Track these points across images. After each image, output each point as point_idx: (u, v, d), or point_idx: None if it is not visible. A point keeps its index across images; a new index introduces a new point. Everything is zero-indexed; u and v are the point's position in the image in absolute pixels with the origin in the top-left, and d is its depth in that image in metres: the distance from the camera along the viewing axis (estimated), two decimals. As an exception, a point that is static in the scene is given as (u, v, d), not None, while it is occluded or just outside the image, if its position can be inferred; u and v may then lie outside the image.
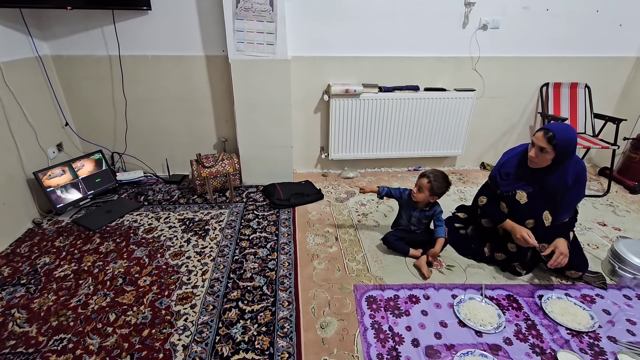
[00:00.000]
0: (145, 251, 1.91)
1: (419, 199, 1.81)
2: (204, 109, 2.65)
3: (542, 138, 1.54)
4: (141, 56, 2.44)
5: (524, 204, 1.67)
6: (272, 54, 2.31)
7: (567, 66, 2.75)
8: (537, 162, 1.60)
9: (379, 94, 2.60)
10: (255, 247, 1.96)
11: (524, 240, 1.62)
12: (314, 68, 2.58)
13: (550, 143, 1.52)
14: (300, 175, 2.86)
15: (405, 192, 1.90)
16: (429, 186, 1.76)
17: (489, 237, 1.87)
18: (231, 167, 2.50)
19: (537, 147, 1.56)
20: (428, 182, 1.76)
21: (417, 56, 2.62)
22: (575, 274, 1.70)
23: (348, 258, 1.89)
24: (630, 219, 2.30)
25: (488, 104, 2.82)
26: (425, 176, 1.78)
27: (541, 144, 1.54)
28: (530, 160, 1.62)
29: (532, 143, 1.60)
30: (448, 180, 1.81)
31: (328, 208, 2.39)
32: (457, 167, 3.08)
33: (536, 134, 1.58)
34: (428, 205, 1.85)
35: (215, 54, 2.46)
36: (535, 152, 1.57)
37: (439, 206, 1.86)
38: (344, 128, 2.69)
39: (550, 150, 1.53)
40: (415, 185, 1.82)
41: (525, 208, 1.68)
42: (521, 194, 1.68)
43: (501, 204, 1.76)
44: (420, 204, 1.85)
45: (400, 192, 1.91)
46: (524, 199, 1.67)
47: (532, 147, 1.60)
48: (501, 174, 1.74)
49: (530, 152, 1.60)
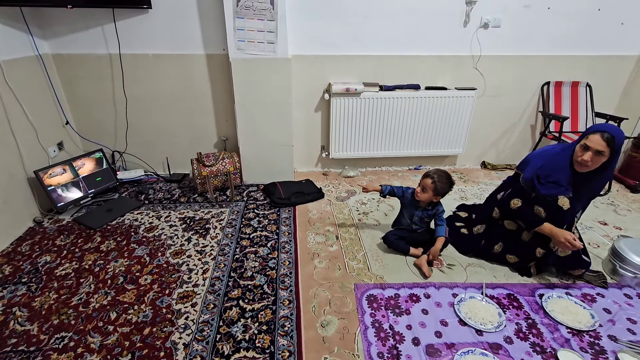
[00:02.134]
0: (146, 250, 1.92)
1: (423, 198, 1.80)
2: (204, 108, 2.64)
3: (600, 141, 1.46)
4: (141, 55, 2.44)
5: (566, 210, 1.59)
6: (272, 52, 2.31)
7: (568, 65, 2.75)
8: (589, 167, 1.53)
9: (379, 92, 2.60)
10: (256, 246, 1.96)
11: (568, 243, 1.55)
12: (314, 67, 2.57)
13: (610, 146, 1.46)
14: (301, 174, 2.86)
15: (408, 191, 1.90)
16: (432, 186, 1.76)
17: (505, 238, 1.82)
18: (232, 166, 2.50)
19: (593, 150, 1.48)
20: (432, 182, 1.76)
21: (418, 55, 2.61)
22: (579, 272, 1.70)
23: (349, 257, 1.89)
24: (631, 218, 2.30)
25: (489, 103, 2.82)
26: (429, 176, 1.78)
27: (599, 148, 1.46)
28: (582, 164, 1.53)
29: (583, 146, 1.51)
30: (452, 180, 1.81)
31: (329, 207, 2.39)
32: (458, 166, 3.08)
33: (590, 137, 1.49)
34: (431, 204, 1.85)
35: (215, 52, 2.45)
36: (590, 156, 1.49)
37: (442, 205, 1.87)
38: (344, 127, 2.69)
39: (608, 153, 1.47)
40: (419, 185, 1.82)
41: (566, 214, 1.61)
42: (563, 199, 1.59)
43: (536, 207, 1.67)
44: (423, 204, 1.85)
45: (402, 190, 1.91)
46: (567, 205, 1.59)
47: (583, 150, 1.51)
48: (539, 177, 1.65)
49: (583, 157, 1.51)
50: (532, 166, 1.70)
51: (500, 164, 3.04)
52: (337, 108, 2.61)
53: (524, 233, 1.76)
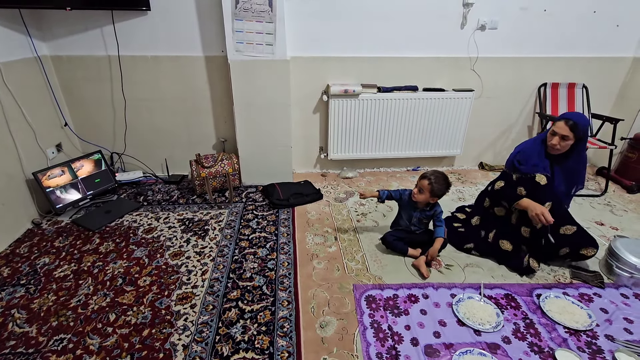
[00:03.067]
0: (144, 251, 1.92)
1: (420, 200, 1.81)
2: (203, 109, 2.65)
3: (564, 127, 1.69)
4: (140, 56, 2.44)
5: (544, 186, 1.73)
6: (271, 54, 2.32)
7: (564, 66, 2.77)
8: (559, 149, 1.74)
9: (377, 94, 2.61)
10: (255, 247, 1.96)
11: (540, 217, 1.66)
12: (313, 68, 2.58)
13: (573, 131, 1.68)
14: (300, 175, 2.87)
15: (406, 192, 1.91)
16: (429, 187, 1.77)
17: (497, 226, 1.91)
18: (230, 167, 2.50)
19: (559, 135, 1.70)
20: (429, 183, 1.77)
21: (415, 56, 2.63)
22: (592, 251, 1.73)
23: (347, 258, 1.89)
24: (628, 218, 2.31)
25: (486, 104, 2.83)
26: (425, 177, 1.79)
27: (564, 133, 1.69)
28: (552, 148, 1.75)
29: (552, 132, 1.74)
30: (448, 181, 1.81)
31: (327, 208, 2.40)
32: (456, 167, 3.09)
33: (557, 124, 1.72)
34: (428, 205, 1.86)
35: (214, 54, 2.46)
36: (557, 140, 1.72)
37: (440, 206, 1.87)
38: (343, 128, 2.70)
39: (572, 137, 1.70)
40: (416, 186, 1.83)
41: (545, 190, 1.73)
42: (540, 176, 1.74)
43: (518, 188, 1.80)
44: (420, 205, 1.86)
45: (400, 193, 1.92)
46: (544, 180, 1.73)
47: (552, 136, 1.74)
48: (519, 161, 1.83)
49: (552, 141, 1.73)
50: (513, 153, 1.90)
51: (498, 165, 3.06)
52: (336, 109, 2.62)
53: (513, 216, 1.86)
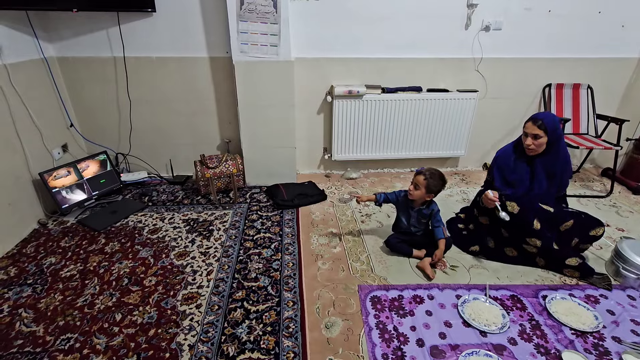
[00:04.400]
0: (150, 251, 1.92)
1: (416, 196, 1.80)
2: (207, 110, 2.66)
3: (532, 126, 1.74)
4: (145, 58, 2.46)
5: (519, 213, 1.75)
6: (275, 55, 2.32)
7: (569, 67, 2.76)
8: (535, 149, 1.76)
9: (381, 95, 2.61)
10: (260, 248, 1.96)
11: (487, 199, 1.76)
12: (317, 69, 2.59)
13: (541, 128, 1.72)
14: (304, 176, 2.87)
15: (401, 193, 1.91)
16: (425, 183, 1.76)
17: (490, 233, 1.92)
18: (235, 168, 2.51)
19: (530, 135, 1.75)
20: (424, 179, 1.76)
21: (419, 57, 2.63)
22: (600, 229, 1.78)
23: (352, 258, 1.89)
24: (634, 220, 2.30)
25: (490, 105, 2.83)
26: (421, 173, 1.79)
27: (534, 132, 1.73)
28: (527, 148, 1.78)
29: (524, 134, 1.78)
30: (444, 178, 1.80)
31: (331, 209, 2.40)
32: (460, 168, 3.09)
33: (526, 125, 1.77)
34: (425, 203, 1.85)
35: (219, 55, 2.47)
36: (530, 140, 1.75)
37: (436, 205, 1.86)
38: (347, 129, 2.70)
39: (543, 134, 1.73)
40: (412, 182, 1.82)
41: (523, 215, 1.75)
42: (511, 204, 1.77)
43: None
44: (416, 203, 1.85)
45: (396, 195, 1.92)
46: (515, 209, 1.76)
47: (525, 137, 1.77)
48: (500, 168, 1.89)
49: (526, 142, 1.77)
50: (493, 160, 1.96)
51: (502, 166, 3.04)
52: (340, 110, 2.63)
53: (502, 230, 1.88)
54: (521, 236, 1.77)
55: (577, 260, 1.72)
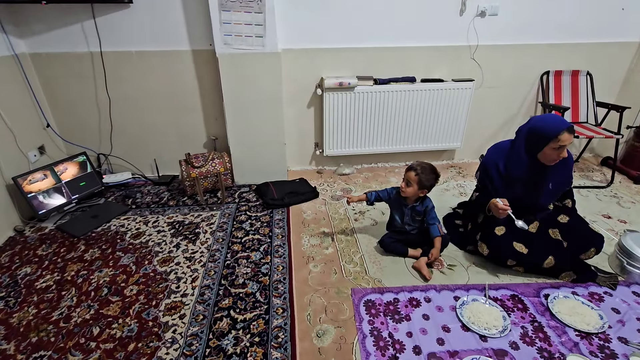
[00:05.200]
0: (132, 258, 1.82)
1: (408, 193, 1.71)
2: (192, 106, 2.54)
3: (571, 138, 1.52)
4: (124, 52, 2.32)
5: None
6: (261, 46, 2.20)
7: (568, 53, 2.66)
8: (555, 159, 1.57)
9: (374, 86, 2.50)
10: (248, 251, 1.87)
11: (498, 211, 1.60)
12: (305, 61, 2.47)
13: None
14: (295, 173, 2.77)
15: (393, 191, 1.82)
16: (417, 179, 1.67)
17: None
18: (222, 167, 2.40)
19: (567, 146, 1.53)
20: (416, 174, 1.67)
21: (412, 46, 2.52)
22: (590, 253, 1.66)
23: (345, 260, 1.80)
24: (636, 210, 2.23)
25: (487, 95, 2.73)
26: (412, 169, 1.69)
27: (570, 141, 1.52)
28: (552, 161, 1.58)
29: (557, 147, 1.52)
30: (436, 171, 1.71)
31: (323, 207, 2.30)
32: (456, 160, 3.00)
33: (562, 138, 1.50)
34: (418, 200, 1.76)
35: (202, 48, 2.34)
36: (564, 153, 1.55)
37: (430, 201, 1.77)
38: (338, 123, 2.60)
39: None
40: (403, 179, 1.73)
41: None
42: (481, 246, 1.71)
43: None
44: (410, 200, 1.76)
45: (387, 192, 1.83)
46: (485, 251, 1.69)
47: (557, 150, 1.53)
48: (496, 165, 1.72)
49: (561, 154, 1.54)
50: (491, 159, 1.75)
51: (500, 157, 2.96)
52: (330, 103, 2.52)
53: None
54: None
55: (571, 277, 1.64)
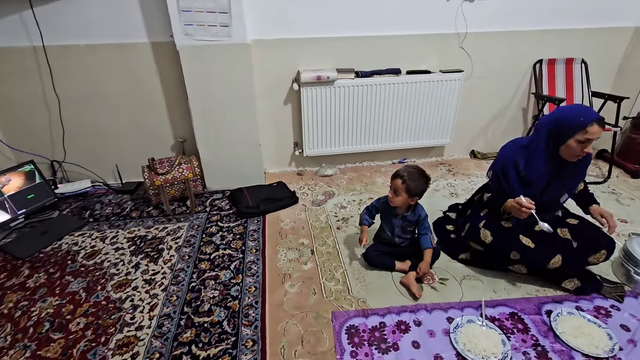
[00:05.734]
0: (82, 283, 1.60)
1: (397, 203, 1.52)
2: (155, 105, 2.29)
3: (600, 130, 1.33)
4: (72, 46, 2.05)
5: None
6: (227, 37, 1.96)
7: (561, 40, 2.49)
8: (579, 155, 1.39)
9: (355, 79, 2.29)
10: (217, 269, 1.66)
11: (520, 210, 1.39)
12: (279, 53, 2.24)
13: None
14: (273, 176, 2.55)
15: (380, 200, 1.63)
16: (404, 187, 1.48)
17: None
18: (190, 172, 2.17)
19: (594, 140, 1.34)
20: (403, 182, 1.48)
21: (396, 34, 2.31)
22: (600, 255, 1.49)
23: (325, 276, 1.61)
24: (637, 208, 2.09)
25: (477, 86, 2.54)
26: (398, 176, 1.49)
27: (599, 135, 1.34)
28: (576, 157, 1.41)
29: (584, 139, 1.34)
30: (426, 175, 1.52)
31: (303, 213, 2.10)
32: (446, 157, 2.83)
33: (591, 130, 1.32)
34: (410, 208, 1.58)
35: (161, 39, 2.09)
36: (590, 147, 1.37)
37: (423, 210, 1.59)
38: (318, 120, 2.38)
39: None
40: (390, 188, 1.54)
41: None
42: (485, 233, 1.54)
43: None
44: (400, 209, 1.57)
45: (374, 205, 1.64)
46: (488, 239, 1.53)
47: (583, 144, 1.35)
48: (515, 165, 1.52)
49: (586, 149, 1.37)
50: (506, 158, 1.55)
51: (491, 152, 2.80)
52: (309, 99, 2.30)
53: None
54: (503, 264, 1.52)
55: (575, 284, 1.48)
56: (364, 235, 1.62)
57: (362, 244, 1.61)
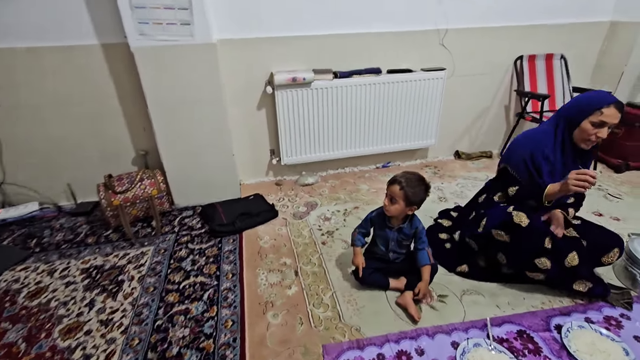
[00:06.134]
0: (22, 330, 1.33)
1: (393, 212, 1.37)
2: (111, 115, 2.04)
3: (617, 114, 1.24)
4: (8, 49, 1.78)
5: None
6: (189, 36, 1.75)
7: (541, 35, 2.45)
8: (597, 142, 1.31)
9: (334, 81, 2.13)
10: (187, 301, 1.44)
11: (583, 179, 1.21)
12: (250, 53, 2.05)
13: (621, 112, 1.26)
14: (249, 187, 2.35)
15: (372, 213, 1.47)
16: (402, 194, 1.33)
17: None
18: (154, 188, 1.93)
19: (610, 125, 1.26)
20: (400, 188, 1.32)
21: (374, 32, 2.18)
22: (614, 255, 1.39)
23: (313, 302, 1.43)
24: (626, 205, 2.05)
25: (458, 85, 2.45)
26: (395, 182, 1.34)
27: (616, 121, 1.26)
28: (595, 141, 1.31)
29: (598, 123, 1.26)
30: (424, 181, 1.37)
31: (284, 228, 1.91)
32: (430, 159, 2.72)
33: (607, 112, 1.24)
34: (406, 219, 1.43)
35: (113, 41, 1.85)
36: (606, 132, 1.28)
37: (420, 222, 1.44)
38: (295, 125, 2.20)
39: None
40: (386, 195, 1.38)
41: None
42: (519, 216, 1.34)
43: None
44: (395, 221, 1.42)
45: (368, 218, 1.47)
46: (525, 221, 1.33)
47: (598, 127, 1.27)
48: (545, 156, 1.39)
49: (599, 133, 1.28)
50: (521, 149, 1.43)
51: (475, 152, 2.72)
52: (284, 103, 2.12)
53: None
54: (528, 259, 1.35)
55: (586, 285, 1.37)
56: (359, 259, 1.44)
57: (360, 272, 1.43)
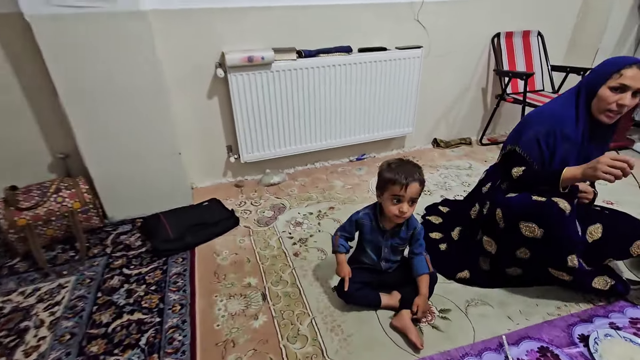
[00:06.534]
0: None
1: (409, 215, 1.09)
2: (15, 109, 1.58)
3: (637, 74, 1.04)
4: None
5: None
6: (108, 2, 1.35)
7: (518, 10, 2.28)
8: (621, 112, 1.11)
9: (298, 61, 1.82)
10: (118, 351, 1.08)
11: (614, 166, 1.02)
12: (194, 28, 1.68)
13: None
14: (204, 192, 1.98)
15: (359, 214, 1.17)
16: (421, 189, 1.05)
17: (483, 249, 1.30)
18: (77, 200, 1.52)
19: (633, 89, 1.05)
20: (420, 184, 1.04)
21: (344, 4, 1.88)
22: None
23: (287, 334, 1.12)
24: (617, 187, 1.89)
25: (435, 66, 2.23)
26: (413, 180, 1.02)
27: (638, 85, 1.04)
28: (617, 111, 1.10)
29: (618, 87, 1.07)
30: (414, 163, 1.11)
31: (247, 239, 1.58)
32: (407, 149, 2.49)
33: (627, 73, 1.05)
34: (403, 222, 1.15)
35: (3, 10, 1.40)
36: (629, 98, 1.06)
37: (417, 221, 1.18)
38: (255, 115, 1.87)
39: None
40: (399, 200, 1.05)
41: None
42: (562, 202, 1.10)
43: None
44: (388, 224, 1.14)
45: (353, 220, 1.17)
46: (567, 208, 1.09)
47: (619, 92, 1.07)
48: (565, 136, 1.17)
49: (621, 100, 1.07)
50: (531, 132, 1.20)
51: (454, 140, 2.53)
52: (239, 88, 1.77)
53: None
54: (562, 254, 1.10)
55: (607, 282, 1.17)
56: (345, 269, 1.14)
57: (346, 285, 1.12)
